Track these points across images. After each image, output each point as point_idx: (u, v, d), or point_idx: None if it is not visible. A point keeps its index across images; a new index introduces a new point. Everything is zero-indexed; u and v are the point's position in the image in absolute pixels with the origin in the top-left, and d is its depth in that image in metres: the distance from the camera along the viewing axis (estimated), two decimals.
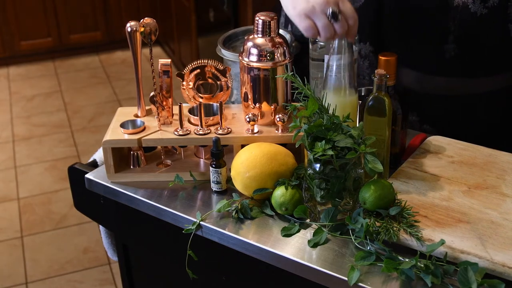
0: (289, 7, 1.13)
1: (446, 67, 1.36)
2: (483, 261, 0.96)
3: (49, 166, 3.37)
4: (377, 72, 1.12)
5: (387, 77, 1.12)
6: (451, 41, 1.33)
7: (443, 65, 1.36)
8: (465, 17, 1.30)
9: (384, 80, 1.12)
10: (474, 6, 1.27)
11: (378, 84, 1.12)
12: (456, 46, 1.33)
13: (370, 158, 1.04)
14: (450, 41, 1.33)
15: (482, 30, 1.31)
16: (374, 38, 1.40)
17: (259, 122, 1.25)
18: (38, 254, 2.72)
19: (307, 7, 1.10)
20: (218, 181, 1.21)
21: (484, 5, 1.27)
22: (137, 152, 1.29)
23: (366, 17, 1.38)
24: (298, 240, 1.08)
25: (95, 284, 2.54)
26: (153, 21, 1.26)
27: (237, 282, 1.22)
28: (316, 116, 1.09)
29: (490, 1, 1.27)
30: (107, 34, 4.69)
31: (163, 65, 1.26)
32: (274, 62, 1.20)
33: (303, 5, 1.11)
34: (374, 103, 1.14)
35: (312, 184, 1.08)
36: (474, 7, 1.28)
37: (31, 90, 4.22)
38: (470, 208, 1.09)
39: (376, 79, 1.12)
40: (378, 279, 0.99)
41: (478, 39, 1.32)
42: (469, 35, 1.32)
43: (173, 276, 1.36)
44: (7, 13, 4.38)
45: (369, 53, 1.41)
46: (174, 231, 1.19)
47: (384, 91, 1.13)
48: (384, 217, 1.05)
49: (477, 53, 1.33)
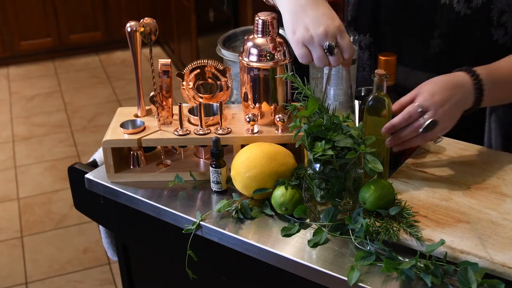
0: (289, 31, 1.13)
1: (431, 63, 1.36)
2: (483, 261, 0.96)
3: (49, 166, 3.37)
4: (377, 72, 1.12)
5: (387, 77, 1.12)
6: (437, 36, 1.33)
7: (428, 60, 1.36)
8: (451, 16, 1.31)
9: (384, 80, 1.12)
10: (459, 6, 1.28)
11: (378, 84, 1.12)
12: (441, 41, 1.33)
13: (370, 158, 1.04)
14: (436, 36, 1.34)
15: (465, 30, 1.31)
16: (373, 30, 1.41)
17: (259, 122, 1.25)
18: (38, 254, 2.72)
19: (306, 36, 1.10)
20: (218, 181, 1.21)
21: (468, 5, 1.27)
22: (137, 152, 1.29)
23: (365, 9, 1.39)
24: (298, 240, 1.08)
25: (95, 284, 2.54)
26: (153, 21, 1.26)
27: (237, 282, 1.22)
28: (316, 116, 1.09)
29: (473, 2, 1.27)
30: (107, 34, 4.69)
31: (163, 65, 1.26)
32: (274, 62, 1.20)
33: (302, 33, 1.11)
34: (374, 103, 1.14)
35: (312, 184, 1.08)
36: (459, 6, 1.28)
37: (31, 90, 4.22)
38: (470, 208, 1.09)
39: (376, 79, 1.12)
40: (378, 279, 0.99)
41: (463, 39, 1.33)
42: (454, 33, 1.32)
43: (173, 276, 1.36)
44: (7, 13, 4.38)
45: (369, 44, 1.42)
46: (174, 231, 1.19)
47: (384, 91, 1.13)
48: (384, 217, 1.05)
49: (461, 53, 1.34)
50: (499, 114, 1.37)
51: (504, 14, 1.27)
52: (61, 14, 4.52)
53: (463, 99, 1.15)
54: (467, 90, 1.15)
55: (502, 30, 1.28)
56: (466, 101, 1.16)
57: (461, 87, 1.15)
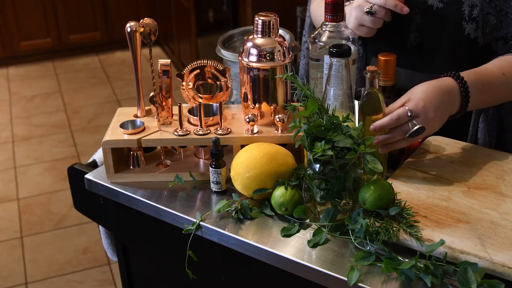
0: None
1: (408, 58, 1.38)
2: (482, 261, 0.96)
3: (49, 167, 3.37)
4: (368, 68, 1.12)
5: (379, 73, 1.13)
6: (413, 29, 1.35)
7: (405, 55, 1.37)
8: (425, 9, 1.32)
9: (376, 76, 1.12)
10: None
11: (370, 80, 1.12)
12: (417, 35, 1.35)
13: (370, 158, 1.04)
14: (413, 30, 1.35)
15: (438, 24, 1.32)
16: None
17: (259, 122, 1.25)
18: (38, 254, 2.72)
19: None
20: (217, 181, 1.21)
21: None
22: (137, 152, 1.29)
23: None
24: (298, 240, 1.08)
25: (94, 284, 2.54)
26: (153, 21, 1.26)
27: (237, 282, 1.22)
28: (316, 116, 1.09)
29: None
30: (106, 34, 4.69)
31: (163, 65, 1.26)
32: (273, 62, 1.20)
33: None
34: (368, 99, 1.14)
35: (312, 184, 1.08)
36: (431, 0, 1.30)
37: (31, 91, 4.22)
38: (469, 208, 1.09)
39: (368, 76, 1.12)
40: (377, 279, 0.99)
41: (437, 33, 1.34)
42: (428, 27, 1.34)
43: (173, 276, 1.36)
44: (7, 14, 4.38)
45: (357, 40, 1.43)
46: (173, 232, 1.19)
47: (376, 87, 1.13)
48: (383, 217, 1.05)
49: (435, 47, 1.35)
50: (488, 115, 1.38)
51: (475, 8, 1.28)
52: (60, 15, 4.52)
53: (450, 104, 1.18)
54: (454, 96, 1.18)
55: (473, 24, 1.29)
56: (453, 107, 1.18)
57: (449, 93, 1.17)
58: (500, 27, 1.30)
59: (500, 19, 1.29)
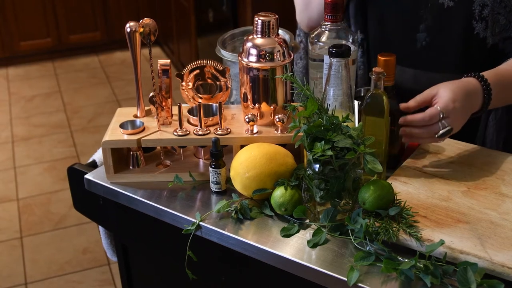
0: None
1: (416, 58, 1.37)
2: (482, 261, 0.96)
3: (49, 167, 3.37)
4: (374, 70, 1.12)
5: (384, 75, 1.13)
6: (423, 29, 1.35)
7: (413, 55, 1.37)
8: (435, 8, 1.32)
9: (382, 78, 1.12)
10: None
11: (376, 82, 1.12)
12: (427, 35, 1.35)
13: (370, 158, 1.04)
14: (422, 30, 1.35)
15: (449, 23, 1.32)
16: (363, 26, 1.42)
17: (259, 122, 1.25)
18: (38, 254, 2.72)
19: None
20: (217, 181, 1.21)
21: None
22: (137, 152, 1.29)
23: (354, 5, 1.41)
24: (298, 240, 1.08)
25: (94, 284, 2.54)
26: (153, 22, 1.26)
27: (237, 282, 1.22)
28: (316, 117, 1.09)
29: None
30: (106, 34, 4.69)
31: (163, 66, 1.26)
32: (273, 63, 1.20)
33: None
34: (372, 101, 1.14)
35: (312, 184, 1.08)
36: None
37: (31, 91, 4.22)
38: (469, 208, 1.09)
39: (374, 77, 1.12)
40: (377, 279, 0.99)
41: (446, 32, 1.34)
42: (438, 26, 1.33)
43: (173, 276, 1.36)
44: (7, 14, 4.38)
45: (361, 42, 1.43)
46: (173, 232, 1.19)
47: (381, 89, 1.13)
48: (383, 217, 1.05)
49: (445, 47, 1.35)
50: (497, 114, 1.38)
51: (485, 7, 1.28)
52: (60, 15, 4.52)
53: (474, 105, 1.19)
54: (478, 96, 1.19)
55: (483, 24, 1.29)
56: (475, 107, 1.20)
57: (473, 94, 1.18)
58: (509, 27, 1.30)
59: (509, 19, 1.29)
